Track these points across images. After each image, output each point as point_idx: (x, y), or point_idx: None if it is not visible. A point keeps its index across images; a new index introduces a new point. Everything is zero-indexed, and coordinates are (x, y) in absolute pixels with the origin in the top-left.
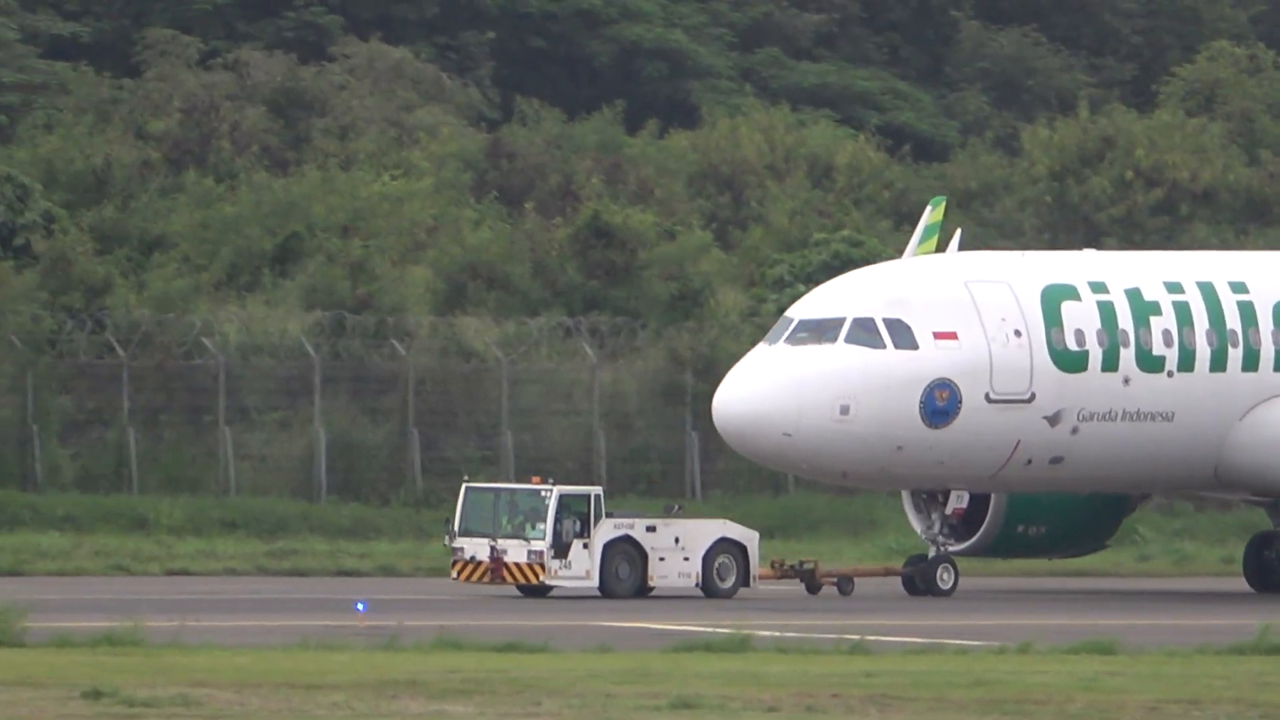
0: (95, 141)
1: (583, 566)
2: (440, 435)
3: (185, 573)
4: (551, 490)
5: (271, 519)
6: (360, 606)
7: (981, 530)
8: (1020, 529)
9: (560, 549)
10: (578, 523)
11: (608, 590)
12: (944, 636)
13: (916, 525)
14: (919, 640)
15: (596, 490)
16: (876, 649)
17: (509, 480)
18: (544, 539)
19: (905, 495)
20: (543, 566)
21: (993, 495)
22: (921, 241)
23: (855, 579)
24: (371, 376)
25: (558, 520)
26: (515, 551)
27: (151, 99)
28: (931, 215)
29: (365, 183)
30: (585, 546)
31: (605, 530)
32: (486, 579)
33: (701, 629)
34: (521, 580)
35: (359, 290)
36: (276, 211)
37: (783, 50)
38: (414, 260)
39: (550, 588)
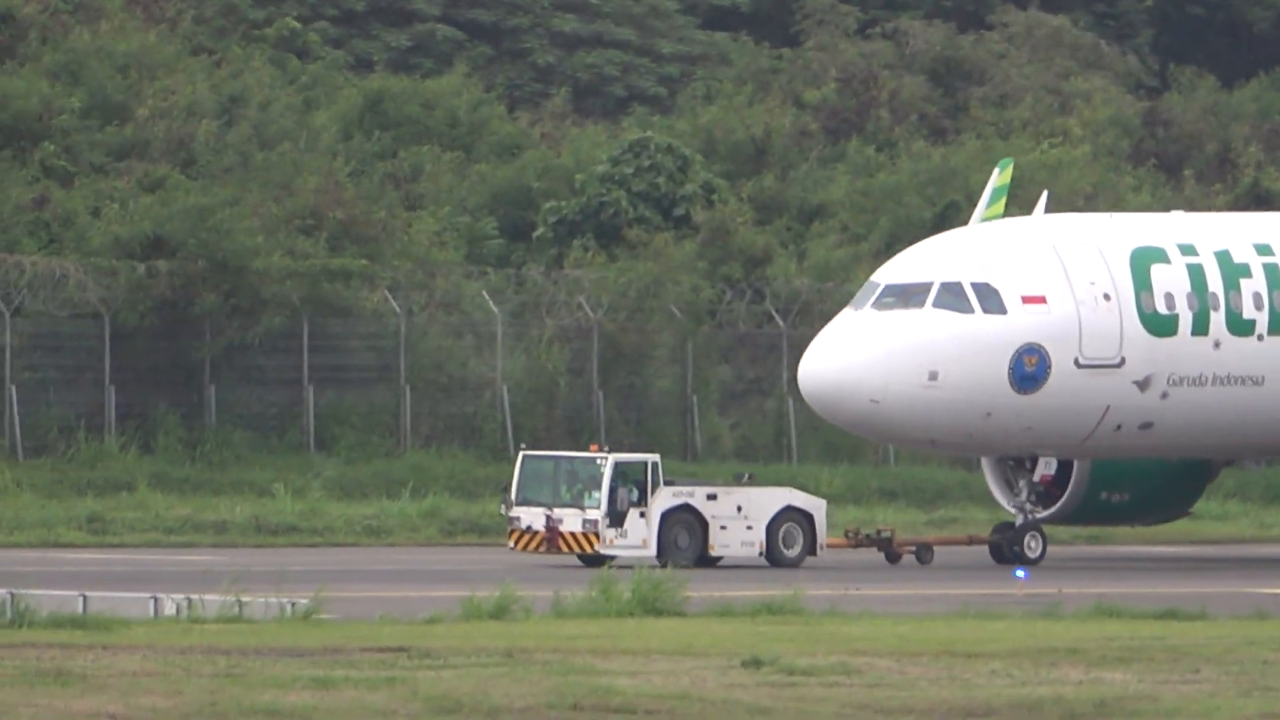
0: (754, 111)
1: (639, 535)
2: None
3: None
4: (607, 458)
5: (932, 487)
6: (1021, 574)
7: (1065, 497)
8: (1104, 496)
9: (616, 517)
10: (635, 491)
11: (667, 559)
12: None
13: (998, 494)
14: None
15: (654, 458)
16: None
17: None
18: (599, 507)
19: (986, 463)
20: (597, 535)
21: (1075, 462)
22: (990, 204)
23: (935, 548)
24: None
25: (613, 488)
26: (570, 521)
27: (810, 68)
28: (1000, 177)
29: (1023, 150)
30: (642, 515)
31: (663, 498)
32: (542, 548)
33: None
34: (576, 549)
35: None
36: (935, 180)
37: None
38: None
39: (608, 557)
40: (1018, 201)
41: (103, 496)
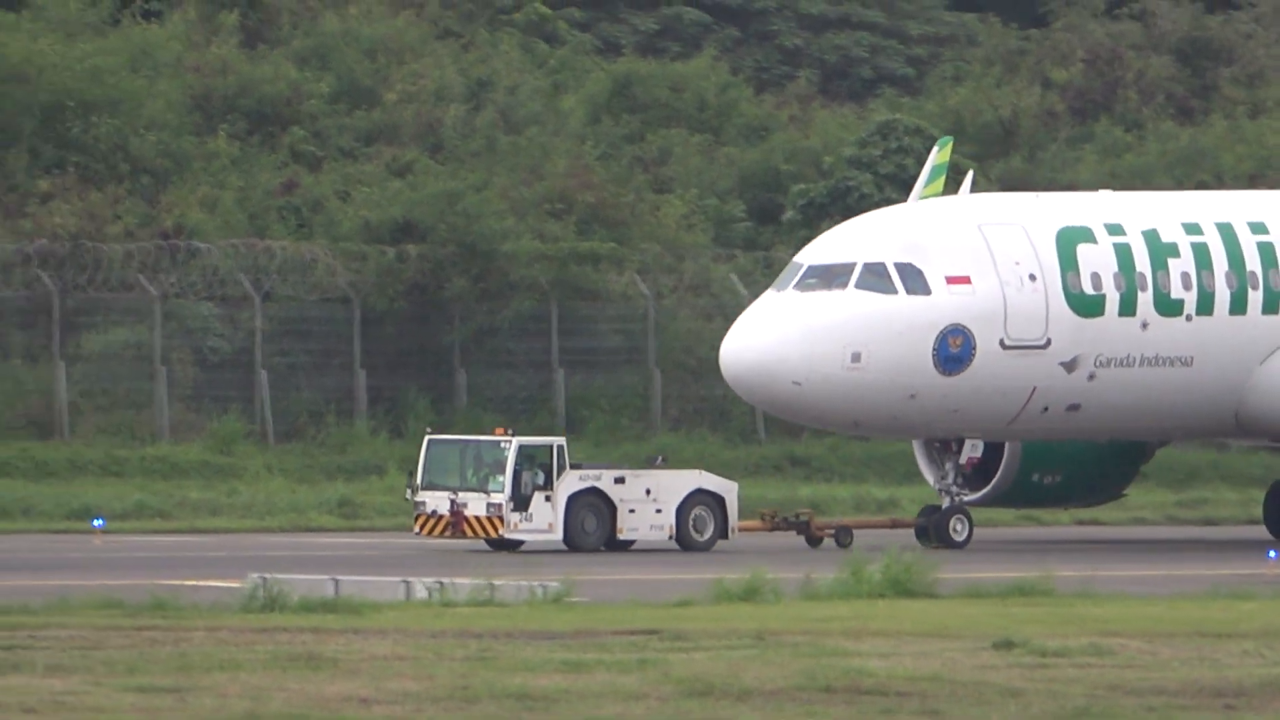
0: (1002, 93)
1: (545, 519)
2: None
3: (1095, 523)
4: (511, 441)
5: (1183, 468)
6: (1273, 555)
7: (995, 479)
8: (1036, 477)
9: (521, 501)
10: (541, 474)
11: (573, 544)
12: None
13: (929, 475)
14: None
15: (559, 441)
16: None
17: None
18: (503, 491)
19: (916, 445)
20: (502, 520)
21: (1007, 444)
22: (928, 183)
23: (854, 530)
24: None
25: (518, 472)
26: (475, 505)
27: (1058, 49)
28: (939, 155)
29: (1273, 131)
30: (548, 499)
31: (569, 482)
32: (447, 533)
33: None
34: (481, 534)
35: None
36: (1184, 160)
37: None
38: None
39: (516, 542)
40: (1265, 183)
41: (353, 481)
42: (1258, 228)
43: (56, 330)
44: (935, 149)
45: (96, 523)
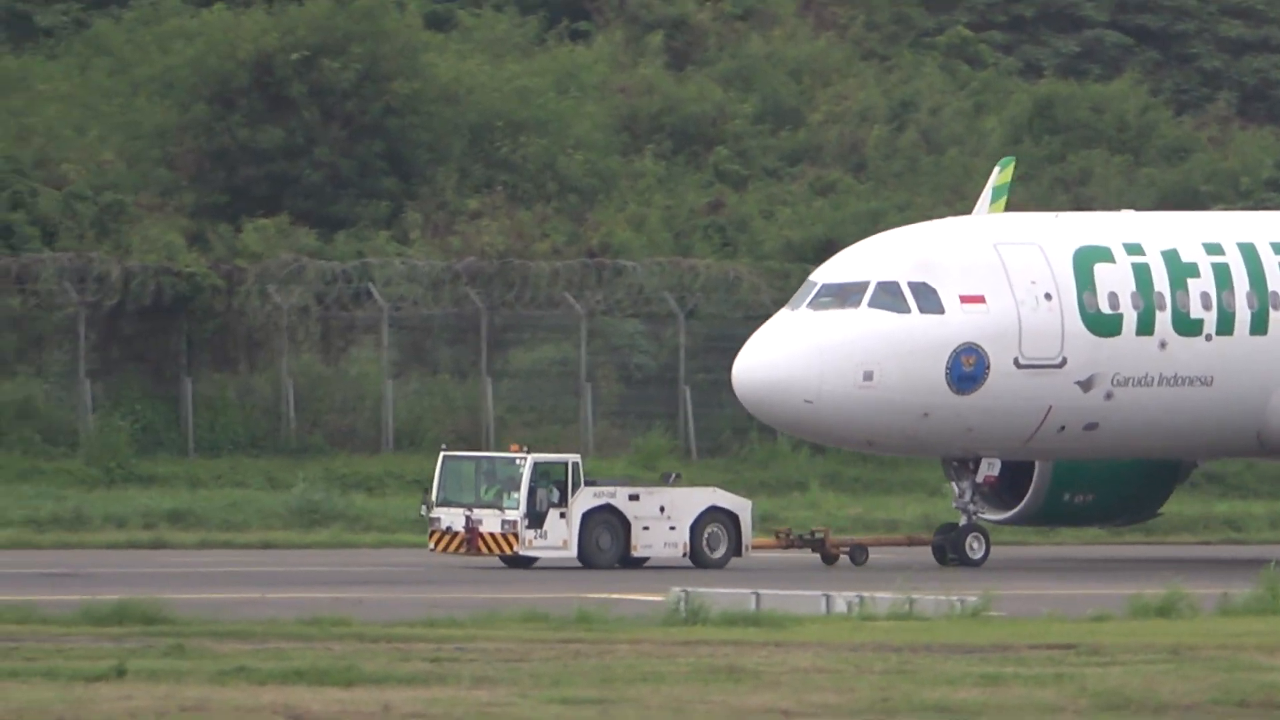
0: None
1: (559, 536)
2: None
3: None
4: (525, 458)
5: None
6: None
7: (1026, 499)
8: (1067, 497)
9: (536, 518)
10: (556, 491)
11: (588, 560)
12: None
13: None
14: None
15: (574, 458)
16: None
17: None
18: (518, 508)
19: (943, 463)
20: (516, 536)
21: (1037, 463)
22: (991, 202)
23: (870, 548)
24: None
25: (532, 489)
26: (490, 522)
27: None
28: (1000, 176)
29: None
30: (562, 516)
31: (584, 499)
32: (462, 550)
33: None
34: (496, 551)
35: None
36: None
37: None
38: None
39: (530, 559)
40: None
41: (775, 496)
42: None
43: (484, 346)
44: (996, 169)
45: None
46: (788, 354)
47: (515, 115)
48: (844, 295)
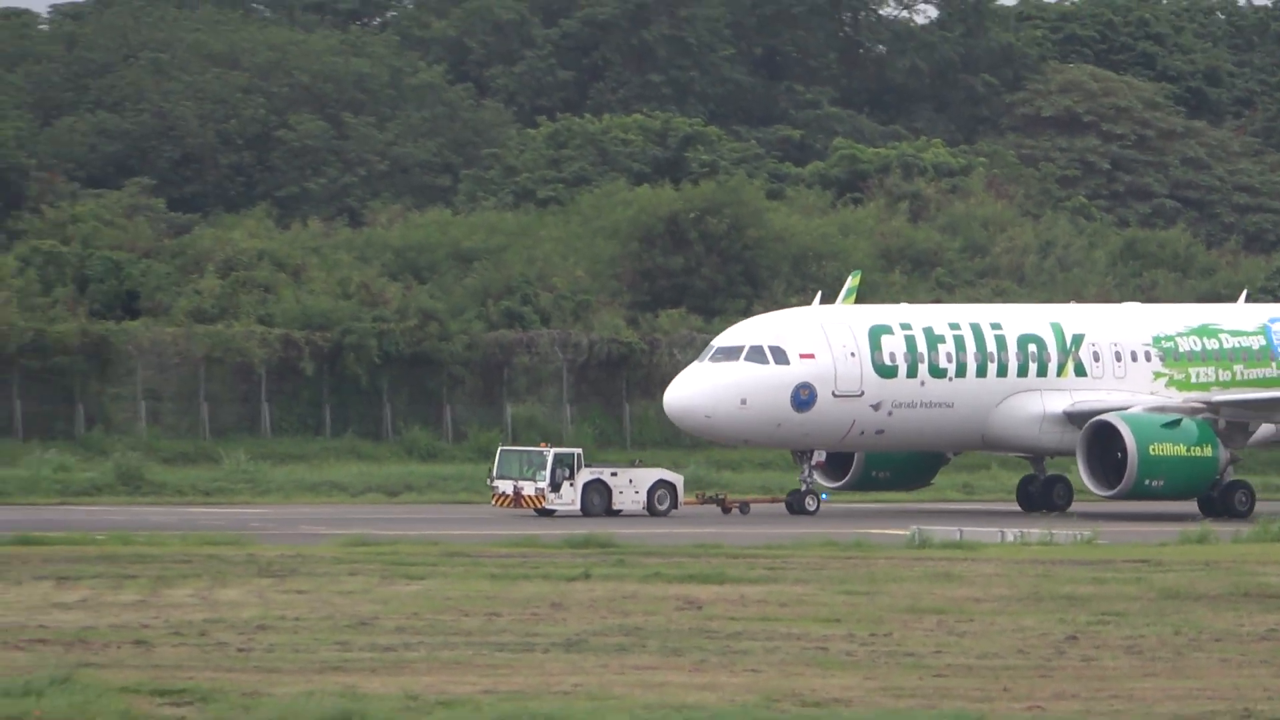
0: None
1: (570, 497)
2: None
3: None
4: (550, 451)
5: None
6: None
7: (849, 475)
8: (874, 473)
9: (555, 486)
10: (567, 470)
11: (587, 513)
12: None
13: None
14: None
15: (578, 450)
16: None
17: None
18: (545, 481)
19: (791, 453)
20: (543, 497)
21: (855, 453)
22: (843, 299)
23: (752, 504)
24: None
25: (554, 469)
26: (528, 489)
27: None
28: (851, 282)
29: None
30: (571, 485)
31: (584, 475)
32: (511, 506)
33: None
34: (532, 507)
35: None
36: None
37: None
38: None
39: (551, 511)
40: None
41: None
42: (994, 325)
43: None
44: (849, 279)
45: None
46: (697, 389)
47: (819, 249)
48: (729, 354)
